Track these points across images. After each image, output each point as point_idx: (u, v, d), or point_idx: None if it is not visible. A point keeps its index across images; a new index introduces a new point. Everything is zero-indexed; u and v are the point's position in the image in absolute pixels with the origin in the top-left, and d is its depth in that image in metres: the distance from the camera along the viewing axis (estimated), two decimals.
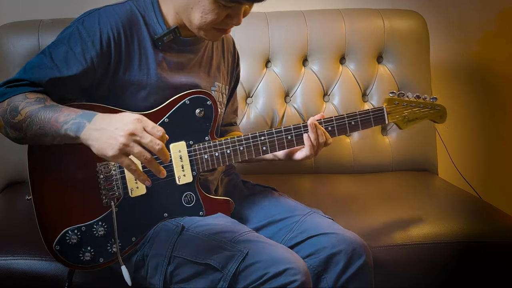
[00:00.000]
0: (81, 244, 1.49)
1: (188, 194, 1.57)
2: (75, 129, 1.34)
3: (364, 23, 2.38)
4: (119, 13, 1.52)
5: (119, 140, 1.28)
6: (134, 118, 1.30)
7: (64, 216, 1.48)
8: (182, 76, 1.59)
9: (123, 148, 1.28)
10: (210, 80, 1.67)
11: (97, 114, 1.35)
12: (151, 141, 1.28)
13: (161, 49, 1.56)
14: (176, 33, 1.56)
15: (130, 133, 1.28)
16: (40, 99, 1.41)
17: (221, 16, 1.48)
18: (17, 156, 2.13)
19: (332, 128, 1.64)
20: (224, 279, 1.43)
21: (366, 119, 1.67)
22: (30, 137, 1.41)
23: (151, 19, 1.56)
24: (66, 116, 1.36)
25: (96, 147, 1.31)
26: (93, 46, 1.47)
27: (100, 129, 1.31)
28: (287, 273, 1.40)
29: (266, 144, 1.60)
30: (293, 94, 2.34)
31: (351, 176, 2.31)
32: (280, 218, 1.63)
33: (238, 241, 1.46)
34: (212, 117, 1.58)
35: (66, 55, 1.46)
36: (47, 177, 1.49)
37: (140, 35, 1.54)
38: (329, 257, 1.53)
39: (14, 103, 1.40)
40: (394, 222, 1.87)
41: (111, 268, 1.54)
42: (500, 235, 1.84)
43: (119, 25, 1.51)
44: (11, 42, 2.17)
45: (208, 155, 1.57)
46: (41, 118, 1.37)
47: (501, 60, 2.77)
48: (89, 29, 1.48)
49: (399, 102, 1.73)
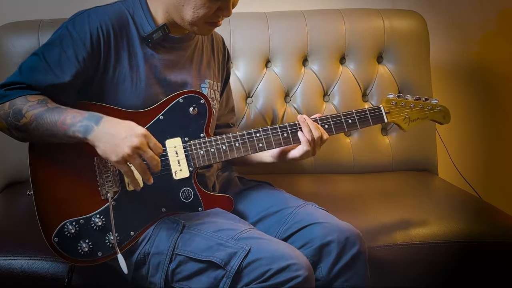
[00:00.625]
0: (79, 237, 1.50)
1: (186, 189, 1.58)
2: (84, 131, 1.42)
3: (364, 23, 2.38)
4: (108, 12, 1.56)
5: (125, 150, 1.40)
6: (141, 133, 1.42)
7: (63, 209, 1.50)
8: (173, 73, 1.62)
9: (127, 158, 1.41)
10: (200, 77, 1.69)
11: (103, 118, 1.43)
12: (151, 156, 1.43)
13: (151, 46, 1.59)
14: (165, 30, 1.58)
15: (136, 146, 1.40)
16: (42, 101, 1.46)
17: (212, 9, 1.51)
18: (17, 156, 2.13)
19: (329, 126, 1.67)
20: (227, 276, 1.43)
21: (363, 117, 1.70)
22: (36, 138, 1.47)
23: (139, 17, 1.59)
24: (72, 118, 1.43)
25: (102, 150, 1.42)
26: (84, 47, 1.51)
27: (109, 134, 1.41)
28: (290, 269, 1.41)
29: (262, 140, 1.62)
30: (293, 94, 2.34)
31: (351, 176, 2.31)
32: (275, 211, 1.65)
33: (240, 238, 1.47)
34: (206, 115, 1.60)
35: (59, 57, 1.49)
36: (47, 171, 1.51)
37: (129, 33, 1.57)
38: (321, 246, 1.54)
39: (16, 106, 1.44)
40: (394, 222, 1.87)
41: (111, 266, 1.54)
42: (500, 235, 1.84)
43: (108, 24, 1.54)
44: (11, 42, 2.17)
45: (203, 151, 1.59)
46: (47, 121, 1.43)
47: (501, 60, 2.77)
48: (80, 30, 1.51)
49: (397, 102, 1.74)
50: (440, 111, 1.78)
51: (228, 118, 1.88)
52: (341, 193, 2.13)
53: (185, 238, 1.50)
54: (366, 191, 2.14)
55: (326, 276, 1.54)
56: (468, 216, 1.92)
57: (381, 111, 1.72)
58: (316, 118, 1.66)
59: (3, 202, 2.06)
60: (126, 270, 1.48)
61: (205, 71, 1.71)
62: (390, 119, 1.73)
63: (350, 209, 1.95)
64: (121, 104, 1.55)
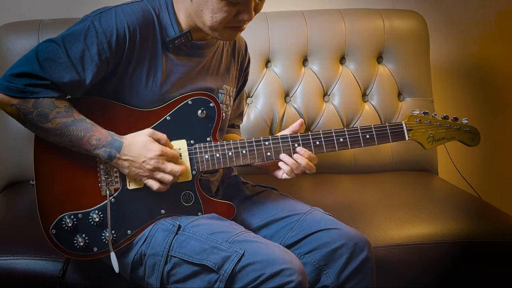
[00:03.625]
0: (76, 231, 1.51)
1: (187, 193, 1.57)
2: (107, 157, 1.49)
3: (364, 23, 2.38)
4: (135, 12, 1.52)
5: (145, 172, 1.50)
6: (155, 155, 1.48)
7: (62, 202, 1.51)
8: (188, 80, 1.59)
9: (149, 176, 1.50)
10: (218, 83, 1.66)
11: (123, 143, 1.49)
12: (171, 170, 1.50)
13: (171, 51, 1.56)
14: (188, 37, 1.55)
15: (154, 167, 1.49)
16: (68, 109, 1.48)
17: (231, 13, 1.47)
18: (17, 156, 2.13)
19: (344, 140, 1.60)
20: (220, 280, 1.43)
21: (382, 133, 1.61)
22: (52, 139, 1.49)
23: (165, 20, 1.56)
24: (97, 140, 1.48)
25: (127, 174, 1.52)
26: (109, 46, 1.48)
27: (129, 160, 1.49)
28: (283, 274, 1.40)
29: (271, 149, 1.59)
30: (293, 94, 2.34)
31: (351, 176, 2.31)
32: (281, 217, 1.63)
33: (234, 241, 1.46)
34: (214, 119, 1.58)
35: (82, 54, 1.47)
36: (51, 163, 1.52)
37: (153, 36, 1.54)
38: (331, 252, 1.53)
39: (42, 109, 1.45)
40: (394, 222, 1.87)
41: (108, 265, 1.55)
42: (500, 235, 1.84)
43: (135, 26, 1.50)
44: (11, 42, 2.17)
45: (208, 155, 1.57)
46: (73, 134, 1.47)
47: (501, 60, 2.77)
48: (106, 27, 1.48)
49: (421, 120, 1.63)
50: (468, 132, 1.67)
51: (235, 120, 1.86)
52: (341, 193, 2.14)
53: (180, 240, 1.49)
54: (366, 191, 2.14)
55: (335, 281, 1.53)
56: (468, 216, 1.92)
57: (403, 128, 1.63)
58: (331, 131, 1.60)
59: (3, 202, 2.06)
60: (117, 269, 1.49)
61: (223, 76, 1.68)
62: (412, 137, 1.63)
63: (350, 209, 1.95)
64: (132, 103, 1.54)
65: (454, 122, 1.65)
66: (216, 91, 1.65)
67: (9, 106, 1.45)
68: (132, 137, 1.50)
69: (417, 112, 1.64)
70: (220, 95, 1.66)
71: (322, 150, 1.60)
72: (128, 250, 1.54)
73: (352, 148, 1.61)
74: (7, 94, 1.44)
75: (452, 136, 1.65)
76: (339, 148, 1.60)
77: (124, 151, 1.48)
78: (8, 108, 1.46)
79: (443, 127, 1.65)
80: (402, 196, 2.08)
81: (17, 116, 1.47)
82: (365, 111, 2.36)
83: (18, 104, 1.45)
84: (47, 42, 1.48)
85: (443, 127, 1.65)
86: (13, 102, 1.45)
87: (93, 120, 1.50)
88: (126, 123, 1.54)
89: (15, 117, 1.48)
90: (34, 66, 1.45)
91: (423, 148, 1.66)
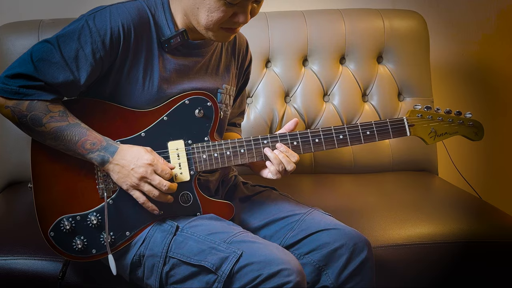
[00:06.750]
0: (74, 233, 1.50)
1: (185, 193, 1.56)
2: (100, 161, 1.49)
3: (364, 23, 2.38)
4: (130, 11, 1.51)
5: (132, 180, 1.48)
6: (145, 163, 1.48)
7: (61, 204, 1.51)
8: (186, 80, 1.59)
9: (135, 186, 1.49)
10: (217, 82, 1.65)
11: (117, 149, 1.49)
12: (159, 183, 1.48)
13: (167, 51, 1.56)
14: (184, 37, 1.55)
15: (141, 177, 1.48)
16: (62, 113, 1.48)
17: (227, 14, 1.47)
18: (17, 156, 2.13)
19: (344, 137, 1.59)
20: (218, 281, 1.43)
21: (383, 129, 1.60)
22: (46, 142, 1.49)
23: (160, 19, 1.55)
24: (92, 144, 1.48)
25: (115, 179, 1.50)
26: (103, 46, 1.47)
27: (120, 165, 1.48)
28: (281, 274, 1.40)
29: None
30: (293, 94, 2.34)
31: (351, 176, 2.31)
32: (281, 217, 1.63)
33: (232, 241, 1.46)
34: (212, 118, 1.57)
35: (76, 54, 1.46)
36: (48, 166, 1.52)
37: (149, 35, 1.54)
38: (331, 252, 1.53)
39: (36, 113, 1.45)
40: (394, 222, 1.87)
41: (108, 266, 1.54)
42: (500, 235, 1.84)
43: (130, 25, 1.50)
44: (11, 42, 2.17)
45: (206, 155, 1.56)
46: (67, 138, 1.47)
47: (500, 60, 2.77)
48: (100, 27, 1.47)
49: (423, 115, 1.61)
50: (472, 126, 1.64)
51: (236, 119, 1.85)
52: (341, 193, 2.13)
53: (178, 241, 1.49)
54: (366, 191, 2.14)
55: (335, 281, 1.53)
56: (468, 216, 1.92)
57: (404, 124, 1.60)
58: (331, 128, 1.59)
59: (3, 202, 2.06)
60: (115, 272, 1.48)
61: (223, 75, 1.67)
62: (414, 132, 1.60)
63: (350, 209, 1.95)
64: (129, 104, 1.54)
65: (457, 116, 1.63)
66: (215, 91, 1.64)
67: (4, 108, 1.46)
68: (129, 146, 1.51)
69: (419, 107, 1.62)
70: (219, 94, 1.65)
71: (321, 148, 1.60)
72: (126, 252, 1.54)
73: (352, 145, 1.60)
74: (2, 96, 1.45)
75: (455, 130, 1.63)
76: (339, 145, 1.59)
77: (117, 156, 1.48)
78: (3, 110, 1.47)
79: (445, 121, 1.62)
80: (402, 196, 2.08)
81: (12, 119, 1.47)
82: (365, 111, 2.36)
83: (13, 107, 1.45)
84: (42, 43, 1.48)
85: (445, 121, 1.62)
86: (8, 104, 1.45)
87: (90, 121, 1.50)
88: (123, 124, 1.54)
89: (11, 119, 1.48)
90: (29, 67, 1.45)
91: (425, 143, 1.64)
